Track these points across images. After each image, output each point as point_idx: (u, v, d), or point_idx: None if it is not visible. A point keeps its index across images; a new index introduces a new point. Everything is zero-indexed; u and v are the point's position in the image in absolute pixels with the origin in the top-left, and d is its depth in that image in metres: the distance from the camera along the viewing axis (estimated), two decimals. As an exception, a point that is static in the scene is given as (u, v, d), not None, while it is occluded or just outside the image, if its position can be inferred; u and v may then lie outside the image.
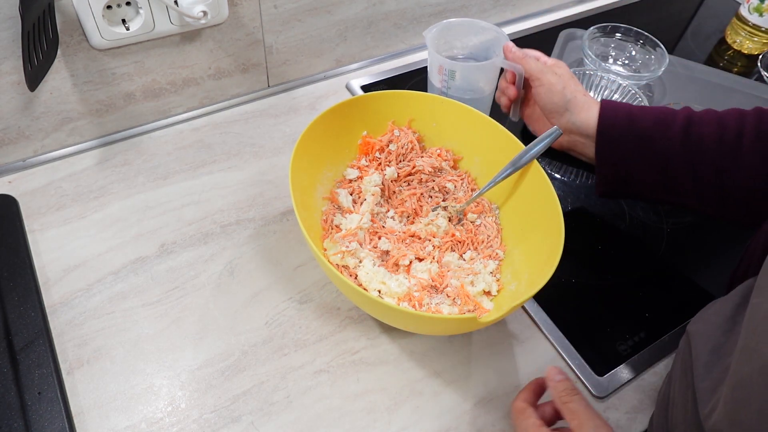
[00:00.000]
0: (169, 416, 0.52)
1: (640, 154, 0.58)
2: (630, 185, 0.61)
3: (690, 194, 0.58)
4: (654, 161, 0.57)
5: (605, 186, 0.63)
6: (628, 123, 0.58)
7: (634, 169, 0.59)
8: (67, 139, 0.73)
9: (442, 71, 0.72)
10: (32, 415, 0.49)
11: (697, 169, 0.55)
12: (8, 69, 0.63)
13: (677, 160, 0.56)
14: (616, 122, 0.59)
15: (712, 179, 0.55)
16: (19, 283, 0.58)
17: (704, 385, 0.40)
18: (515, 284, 0.58)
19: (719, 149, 0.54)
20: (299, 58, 0.83)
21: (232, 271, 0.63)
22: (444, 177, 0.68)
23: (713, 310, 0.45)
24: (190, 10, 0.66)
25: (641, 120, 0.57)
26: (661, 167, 0.57)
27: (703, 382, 0.40)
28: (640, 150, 0.58)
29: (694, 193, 0.57)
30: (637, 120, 0.58)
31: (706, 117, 0.56)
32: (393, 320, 0.54)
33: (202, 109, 0.80)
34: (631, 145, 0.58)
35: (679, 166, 0.56)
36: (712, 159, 0.55)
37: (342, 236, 0.60)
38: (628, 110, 0.59)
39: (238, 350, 0.57)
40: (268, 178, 0.72)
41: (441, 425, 0.53)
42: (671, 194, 0.59)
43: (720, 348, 0.41)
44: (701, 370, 0.41)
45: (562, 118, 0.63)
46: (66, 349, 0.56)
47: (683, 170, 0.56)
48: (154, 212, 0.68)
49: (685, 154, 0.55)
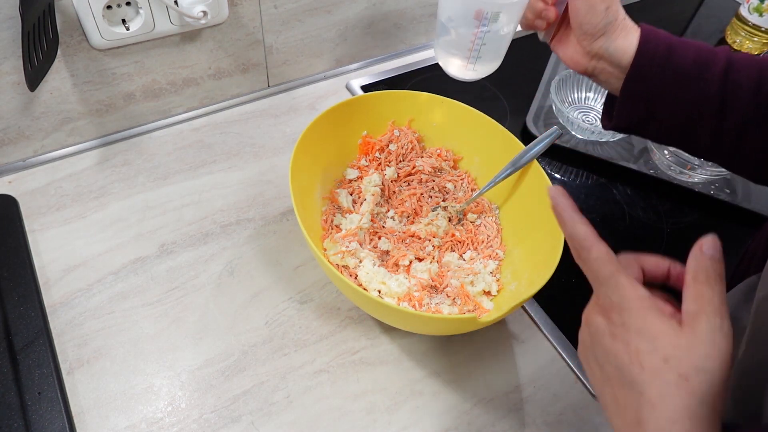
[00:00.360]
0: (169, 416, 0.52)
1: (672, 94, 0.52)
2: (646, 126, 0.56)
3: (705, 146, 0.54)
4: (684, 104, 0.52)
5: (619, 121, 0.56)
6: (667, 57, 0.52)
7: (659, 109, 0.54)
8: (67, 139, 0.73)
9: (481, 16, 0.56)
10: (32, 415, 0.49)
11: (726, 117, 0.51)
12: (8, 69, 0.63)
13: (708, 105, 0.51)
14: (655, 55, 0.52)
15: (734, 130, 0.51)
16: (19, 283, 0.58)
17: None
18: (515, 284, 0.58)
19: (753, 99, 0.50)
20: (299, 58, 0.83)
21: (232, 271, 0.63)
22: (444, 177, 0.68)
23: None
24: (190, 10, 0.66)
25: (682, 56, 0.52)
26: (689, 112, 0.52)
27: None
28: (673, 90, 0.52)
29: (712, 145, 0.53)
30: (678, 55, 0.52)
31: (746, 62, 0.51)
32: (393, 320, 0.54)
33: (202, 109, 0.80)
34: (666, 83, 0.52)
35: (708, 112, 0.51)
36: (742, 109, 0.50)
37: (342, 236, 0.60)
38: (669, 42, 0.52)
39: (238, 350, 0.57)
40: (268, 178, 0.72)
41: (441, 425, 0.53)
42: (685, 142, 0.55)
43: None
44: None
45: (595, 43, 0.55)
46: (66, 349, 0.56)
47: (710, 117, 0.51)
48: (154, 212, 0.68)
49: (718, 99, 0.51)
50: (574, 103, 0.86)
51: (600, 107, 0.85)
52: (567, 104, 0.85)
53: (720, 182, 0.78)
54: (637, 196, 0.77)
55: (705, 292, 0.35)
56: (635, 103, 0.55)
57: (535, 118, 0.84)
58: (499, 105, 0.86)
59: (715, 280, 0.36)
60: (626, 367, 0.36)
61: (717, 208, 0.76)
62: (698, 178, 0.76)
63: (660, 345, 0.35)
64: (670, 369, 0.34)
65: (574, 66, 0.57)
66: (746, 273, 0.48)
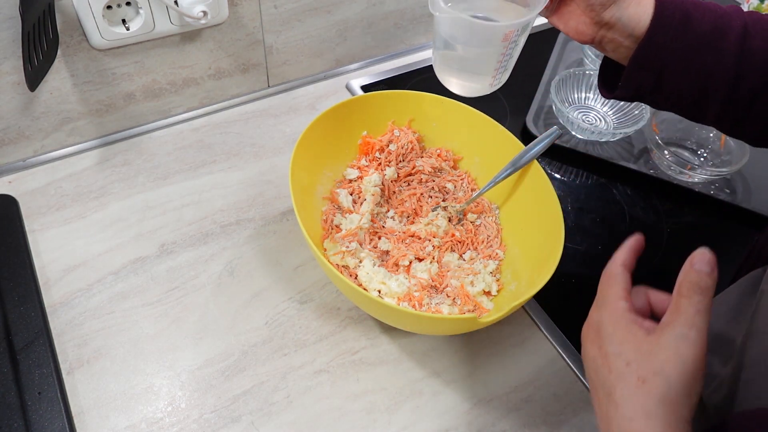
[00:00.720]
0: (169, 416, 0.52)
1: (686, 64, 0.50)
2: (653, 95, 0.54)
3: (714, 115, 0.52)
4: (699, 75, 0.50)
5: (626, 91, 0.54)
6: (684, 26, 0.50)
7: (671, 80, 0.52)
8: (67, 139, 0.73)
9: (510, 37, 0.53)
10: (32, 415, 0.49)
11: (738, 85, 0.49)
12: (8, 69, 0.63)
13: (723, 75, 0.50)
14: (671, 24, 0.50)
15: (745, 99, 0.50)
16: (19, 283, 0.58)
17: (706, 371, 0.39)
18: (515, 284, 0.58)
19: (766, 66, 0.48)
20: (299, 58, 0.83)
21: (232, 271, 0.63)
22: (444, 177, 0.68)
23: (719, 300, 0.44)
24: (190, 10, 0.66)
25: (699, 23, 0.49)
26: (702, 82, 0.50)
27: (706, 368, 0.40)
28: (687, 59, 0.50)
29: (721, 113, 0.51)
30: (694, 23, 0.49)
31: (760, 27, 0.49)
32: (393, 320, 0.54)
33: (202, 109, 0.80)
34: (681, 52, 0.50)
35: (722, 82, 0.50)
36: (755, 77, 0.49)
37: (342, 236, 0.60)
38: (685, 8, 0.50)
39: (238, 350, 0.57)
40: (268, 178, 0.72)
41: (441, 425, 0.53)
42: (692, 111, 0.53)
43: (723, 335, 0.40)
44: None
45: (606, 13, 0.52)
46: (66, 349, 0.56)
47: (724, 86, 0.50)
48: (154, 212, 0.68)
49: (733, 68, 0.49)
50: (574, 103, 0.86)
51: (600, 107, 0.86)
52: (567, 104, 0.85)
53: (720, 182, 0.78)
54: (637, 196, 0.77)
55: (682, 304, 0.37)
56: (645, 73, 0.52)
57: (535, 118, 0.84)
58: (499, 105, 0.86)
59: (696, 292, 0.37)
60: (600, 369, 0.38)
61: (717, 208, 0.76)
62: (698, 178, 0.76)
63: (624, 350, 0.37)
64: (631, 372, 0.36)
65: (578, 37, 0.54)
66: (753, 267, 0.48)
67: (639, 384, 0.35)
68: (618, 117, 0.84)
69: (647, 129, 0.79)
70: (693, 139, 0.82)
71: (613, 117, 0.84)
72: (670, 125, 0.82)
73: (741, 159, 0.75)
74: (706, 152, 0.81)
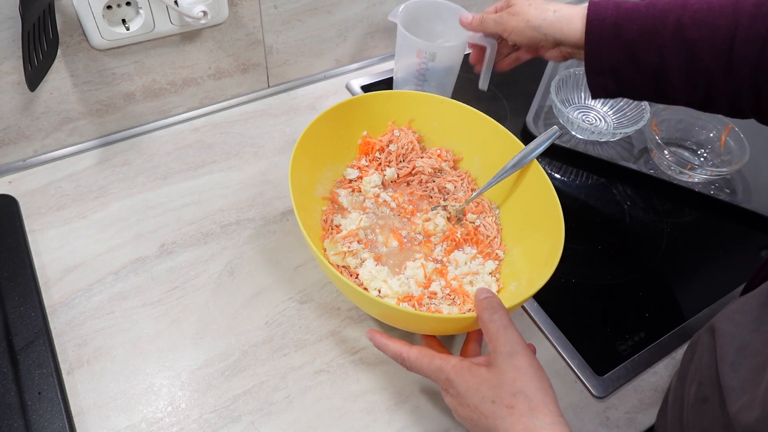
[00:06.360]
0: (169, 416, 0.52)
1: (629, 64, 0.57)
2: (623, 91, 0.61)
3: (680, 98, 0.58)
4: (645, 70, 0.57)
5: (595, 93, 0.62)
6: (615, 36, 0.57)
7: (625, 77, 0.58)
8: (67, 139, 0.73)
9: (422, 55, 0.72)
10: (32, 415, 0.49)
11: (689, 73, 0.54)
12: (8, 69, 0.63)
13: (668, 68, 0.55)
14: (602, 35, 0.57)
15: (702, 83, 0.54)
16: (19, 283, 0.58)
17: (732, 384, 0.39)
18: (515, 284, 0.58)
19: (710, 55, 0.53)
20: (299, 58, 0.83)
21: (232, 271, 0.63)
22: (444, 177, 0.68)
23: (738, 309, 0.44)
24: (190, 10, 0.66)
25: (628, 31, 0.56)
26: (652, 74, 0.57)
27: (731, 381, 0.40)
28: (629, 61, 0.57)
29: (685, 96, 0.57)
30: (625, 32, 0.56)
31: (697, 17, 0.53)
32: (393, 320, 0.54)
33: (202, 109, 0.80)
34: (621, 57, 0.57)
35: (671, 73, 0.55)
36: (703, 65, 0.53)
37: (343, 237, 0.60)
38: (615, 20, 0.56)
39: (238, 350, 0.57)
40: (268, 178, 0.72)
41: (441, 425, 0.53)
42: (662, 97, 0.59)
43: (746, 347, 0.40)
44: (727, 369, 0.41)
45: (549, 44, 0.62)
46: (66, 349, 0.56)
47: (675, 76, 0.55)
48: (154, 212, 0.68)
49: (675, 62, 0.54)
50: (574, 103, 0.86)
51: (600, 107, 0.86)
52: (567, 104, 0.85)
53: (720, 182, 0.78)
54: (637, 196, 0.77)
55: (491, 329, 0.44)
56: (602, 78, 0.60)
57: (535, 118, 0.84)
58: (499, 105, 0.86)
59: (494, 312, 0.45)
60: (479, 422, 0.42)
61: (717, 208, 0.76)
62: (698, 178, 0.76)
63: (482, 392, 0.42)
64: (499, 406, 0.41)
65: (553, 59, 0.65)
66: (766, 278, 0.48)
67: (510, 411, 0.40)
68: (618, 117, 0.84)
69: (647, 129, 0.79)
70: (693, 139, 0.82)
71: (613, 117, 0.84)
72: (670, 125, 0.82)
73: (741, 159, 0.75)
74: (706, 152, 0.81)
